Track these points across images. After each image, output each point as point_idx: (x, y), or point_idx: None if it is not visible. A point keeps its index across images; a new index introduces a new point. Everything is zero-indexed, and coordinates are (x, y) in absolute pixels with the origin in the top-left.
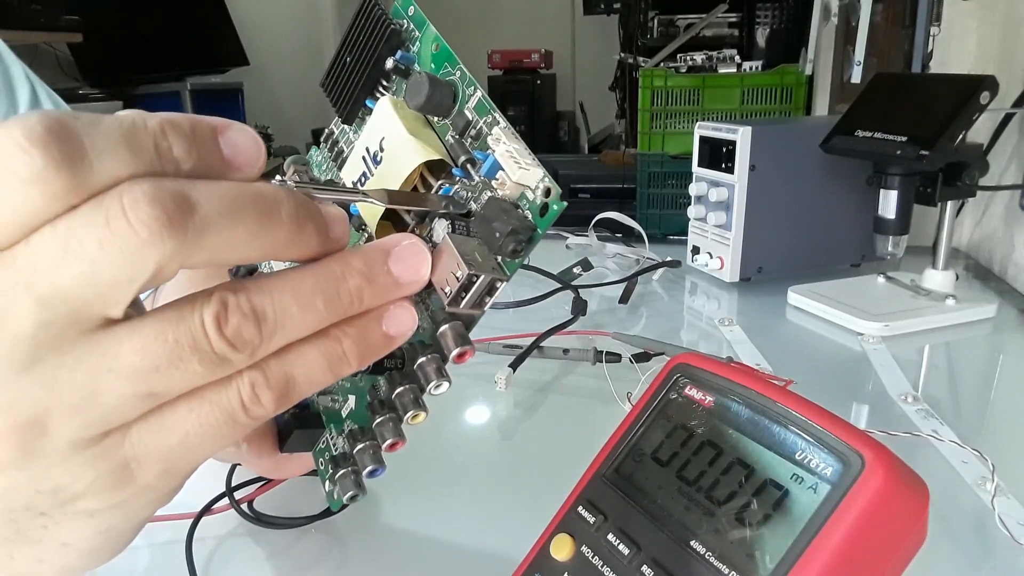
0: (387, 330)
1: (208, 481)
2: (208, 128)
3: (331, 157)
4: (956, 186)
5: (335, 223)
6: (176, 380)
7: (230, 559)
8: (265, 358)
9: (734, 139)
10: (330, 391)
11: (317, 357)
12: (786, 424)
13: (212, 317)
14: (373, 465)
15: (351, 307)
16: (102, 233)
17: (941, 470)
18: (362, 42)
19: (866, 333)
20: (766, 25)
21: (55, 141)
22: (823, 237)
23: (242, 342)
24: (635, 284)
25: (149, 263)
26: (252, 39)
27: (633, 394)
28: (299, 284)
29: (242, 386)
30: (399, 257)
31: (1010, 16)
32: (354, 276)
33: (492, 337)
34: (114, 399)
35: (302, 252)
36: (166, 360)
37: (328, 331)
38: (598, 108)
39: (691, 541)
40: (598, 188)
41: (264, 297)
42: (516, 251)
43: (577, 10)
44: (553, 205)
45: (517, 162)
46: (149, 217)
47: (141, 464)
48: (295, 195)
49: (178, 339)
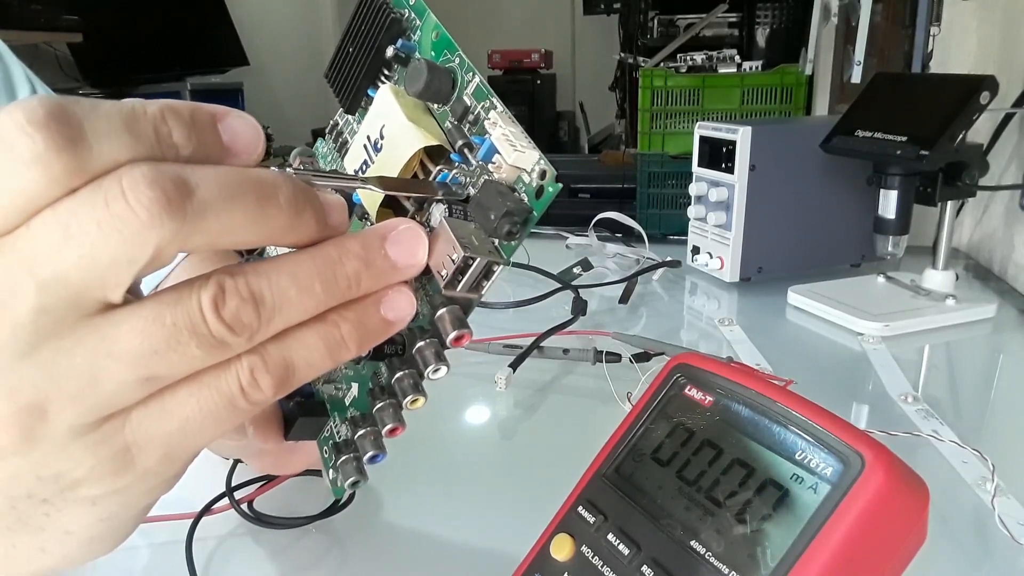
0: (386, 315)
1: (208, 481)
2: (207, 115)
3: (335, 148)
4: (956, 186)
5: (333, 209)
6: (175, 364)
7: (230, 559)
8: (264, 343)
9: (734, 139)
10: (334, 379)
11: (316, 341)
12: (786, 424)
13: (210, 300)
14: (374, 451)
15: (349, 291)
16: (102, 215)
17: (941, 470)
18: (364, 31)
19: (866, 333)
20: (766, 25)
21: (56, 124)
22: (823, 237)
23: (240, 325)
24: (635, 284)
25: (148, 245)
26: (252, 39)
27: (633, 394)
28: (297, 268)
29: (241, 371)
30: (396, 241)
31: (1010, 16)
32: (352, 260)
33: (492, 337)
34: (114, 384)
35: (300, 237)
36: (164, 344)
37: (326, 316)
38: (598, 108)
39: (691, 541)
40: (598, 188)
41: (262, 280)
42: (512, 233)
43: (577, 10)
44: (548, 187)
45: (513, 145)
46: (148, 199)
47: (142, 449)
48: (293, 181)
49: (176, 322)
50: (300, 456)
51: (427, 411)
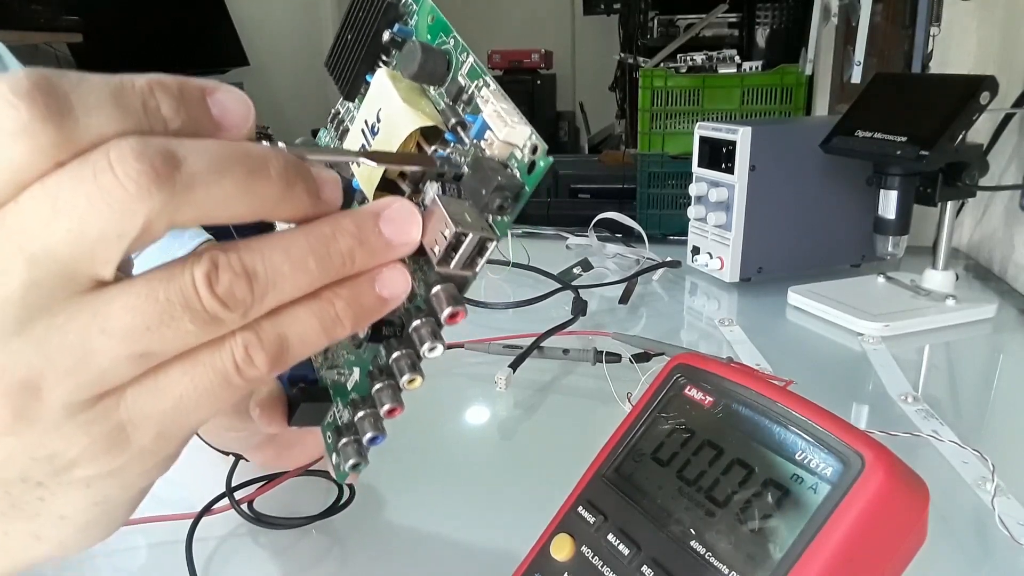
0: (380, 292)
1: (208, 481)
2: (196, 88)
3: (336, 136)
4: (956, 186)
5: (326, 184)
6: (169, 340)
7: (230, 559)
8: (258, 320)
9: (734, 139)
10: (336, 365)
11: (310, 318)
12: (786, 424)
13: (203, 275)
14: (373, 432)
15: (343, 268)
16: (90, 188)
17: (941, 470)
18: (361, 18)
19: (866, 333)
20: (766, 25)
21: (42, 95)
22: (823, 237)
23: (234, 300)
24: (635, 284)
25: (137, 217)
26: (252, 39)
27: (633, 394)
28: (290, 244)
29: (235, 347)
30: (389, 218)
31: (1010, 16)
32: (345, 237)
33: (492, 337)
34: (107, 360)
35: (293, 211)
36: (157, 319)
37: (321, 293)
38: (598, 108)
39: (691, 541)
40: (598, 188)
41: (255, 256)
42: (503, 207)
43: (577, 10)
44: (540, 161)
45: (504, 121)
46: (136, 171)
47: (136, 427)
48: (284, 154)
49: (169, 297)
50: (299, 450)
51: (428, 411)
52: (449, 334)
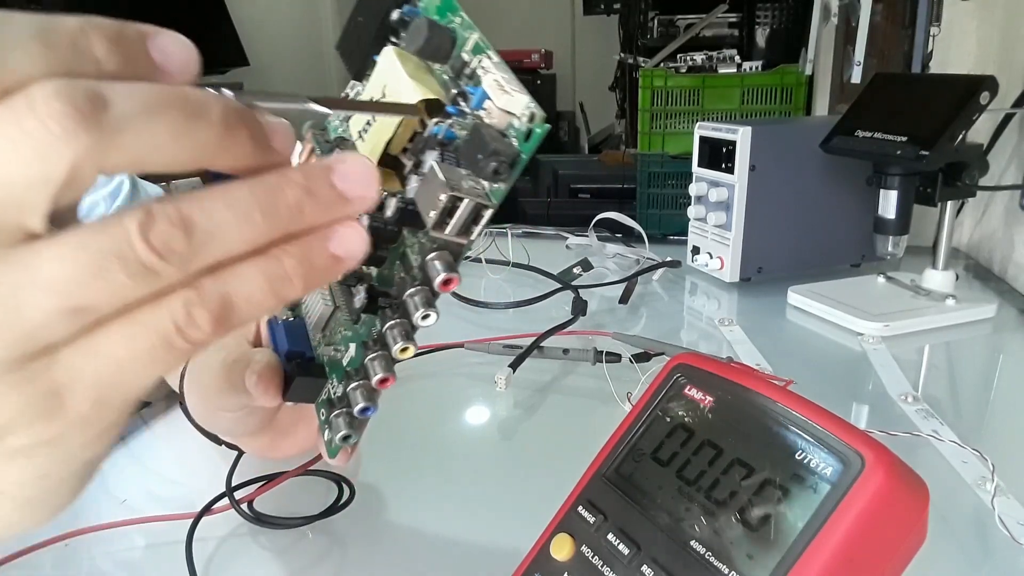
0: (335, 251)
1: (208, 481)
2: (136, 32)
3: (345, 118)
4: (956, 186)
5: (276, 132)
6: (102, 294)
7: (230, 559)
8: (200, 279)
9: (734, 139)
10: (333, 342)
11: (256, 276)
12: (786, 424)
13: (137, 225)
14: (364, 403)
15: (292, 222)
16: (13, 131)
17: (941, 470)
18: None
19: (866, 333)
20: (766, 25)
21: None
22: (823, 237)
23: (169, 251)
24: (635, 284)
25: (62, 161)
26: (252, 39)
27: (633, 394)
28: (233, 194)
29: (175, 306)
30: (343, 172)
31: (1010, 16)
32: (293, 188)
33: (492, 337)
34: (38, 315)
35: (236, 159)
36: (90, 271)
37: (269, 250)
38: (598, 108)
39: (691, 541)
40: (598, 188)
41: (193, 205)
42: (497, 172)
43: (577, 10)
44: (536, 129)
45: (503, 88)
46: (59, 113)
47: (71, 391)
48: (227, 99)
49: (101, 248)
50: (293, 439)
51: (428, 411)
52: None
